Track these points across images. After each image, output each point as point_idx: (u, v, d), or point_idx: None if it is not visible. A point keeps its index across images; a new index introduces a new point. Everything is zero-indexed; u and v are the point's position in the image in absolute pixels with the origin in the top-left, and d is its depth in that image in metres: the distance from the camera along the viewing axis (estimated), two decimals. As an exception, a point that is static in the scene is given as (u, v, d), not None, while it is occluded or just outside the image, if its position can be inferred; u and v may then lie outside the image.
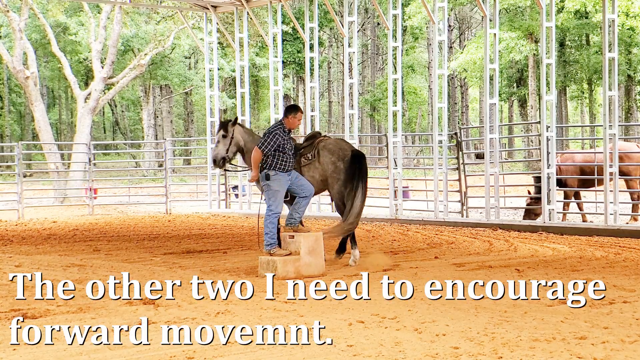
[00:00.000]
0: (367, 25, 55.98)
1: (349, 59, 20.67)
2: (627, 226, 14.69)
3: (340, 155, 10.50)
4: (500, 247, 12.58)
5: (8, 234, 16.36)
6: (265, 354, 5.54)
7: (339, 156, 10.49)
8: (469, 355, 5.39)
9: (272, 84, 20.90)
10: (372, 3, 35.52)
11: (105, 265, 10.78)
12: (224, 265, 10.61)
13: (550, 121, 15.46)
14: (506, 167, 32.63)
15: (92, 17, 29.63)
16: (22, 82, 27.22)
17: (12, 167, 36.34)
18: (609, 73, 14.74)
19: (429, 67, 47.85)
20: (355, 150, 10.76)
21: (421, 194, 22.41)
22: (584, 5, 31.64)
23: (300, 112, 10.20)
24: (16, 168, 21.73)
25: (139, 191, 27.00)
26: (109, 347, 5.76)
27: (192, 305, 7.50)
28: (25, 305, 7.46)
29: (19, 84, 41.34)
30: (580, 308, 7.17)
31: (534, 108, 38.32)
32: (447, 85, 19.31)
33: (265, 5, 22.71)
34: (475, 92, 60.47)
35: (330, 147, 10.54)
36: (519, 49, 36.74)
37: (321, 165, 10.47)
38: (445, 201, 17.30)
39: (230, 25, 25.38)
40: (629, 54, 39.57)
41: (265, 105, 49.19)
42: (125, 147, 49.51)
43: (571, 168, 16.53)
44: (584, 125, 37.77)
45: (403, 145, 19.49)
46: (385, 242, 13.57)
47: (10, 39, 34.97)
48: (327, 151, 10.48)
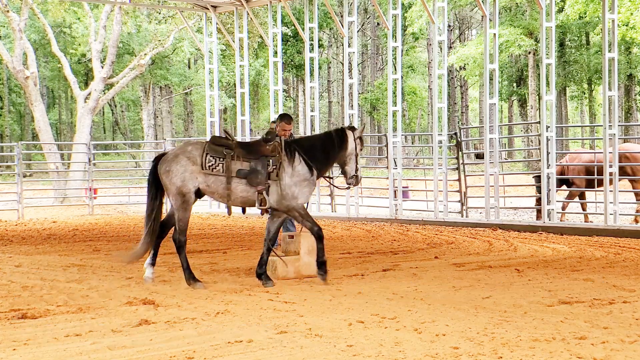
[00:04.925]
0: (367, 25, 55.96)
1: (348, 59, 20.65)
2: (627, 226, 14.69)
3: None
4: (500, 247, 12.58)
5: (8, 234, 16.36)
6: (265, 354, 5.54)
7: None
8: (469, 355, 5.39)
9: (272, 84, 20.90)
10: (372, 3, 35.52)
11: (105, 265, 10.78)
12: (224, 265, 10.61)
13: (550, 121, 15.46)
14: (506, 167, 32.62)
15: (92, 16, 29.62)
16: (22, 82, 27.21)
17: (12, 167, 36.30)
18: (609, 73, 14.74)
19: (429, 67, 47.84)
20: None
21: (421, 194, 22.40)
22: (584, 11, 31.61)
23: (285, 122, 10.09)
24: (16, 168, 21.72)
25: (139, 191, 26.95)
26: (108, 347, 5.76)
27: (192, 305, 7.50)
28: (25, 305, 7.46)
29: (19, 84, 41.34)
30: (580, 308, 7.17)
31: (534, 108, 38.30)
32: (447, 85, 19.31)
33: (265, 5, 22.71)
34: (475, 92, 60.44)
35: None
36: (518, 43, 36.74)
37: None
38: (445, 201, 17.30)
39: (230, 26, 25.38)
40: (629, 54, 39.56)
41: (265, 105, 49.18)
42: (125, 147, 49.49)
43: (578, 168, 16.45)
44: (584, 125, 37.83)
45: (403, 145, 19.49)
46: (385, 242, 13.57)
47: (10, 39, 34.97)
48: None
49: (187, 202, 8.97)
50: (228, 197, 8.97)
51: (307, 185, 9.12)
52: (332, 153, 9.30)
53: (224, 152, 8.97)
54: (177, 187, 8.93)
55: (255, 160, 8.97)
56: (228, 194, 8.94)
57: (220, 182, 8.94)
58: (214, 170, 8.93)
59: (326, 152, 9.27)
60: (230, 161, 8.94)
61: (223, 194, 8.97)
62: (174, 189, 8.96)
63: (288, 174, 9.00)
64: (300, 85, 49.53)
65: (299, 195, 9.04)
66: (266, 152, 9.04)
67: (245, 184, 8.94)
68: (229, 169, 8.93)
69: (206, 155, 8.95)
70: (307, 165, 9.11)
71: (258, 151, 9.07)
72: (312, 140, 9.56)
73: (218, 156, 8.96)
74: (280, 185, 8.96)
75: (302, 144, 9.29)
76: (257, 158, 8.99)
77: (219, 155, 8.96)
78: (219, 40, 25.40)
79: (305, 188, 9.11)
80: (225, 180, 8.92)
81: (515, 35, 36.57)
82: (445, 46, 18.44)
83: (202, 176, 8.93)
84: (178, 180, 8.91)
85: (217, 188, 8.97)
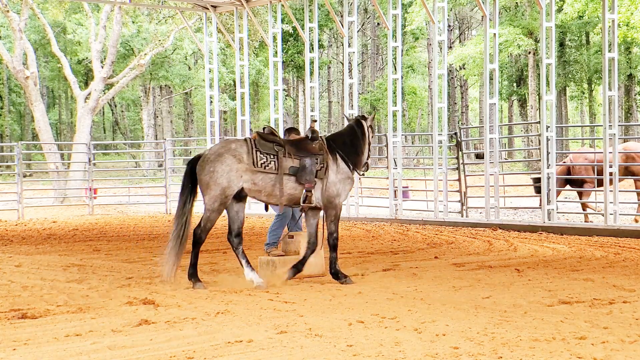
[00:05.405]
0: (367, 25, 55.97)
1: (348, 59, 20.65)
2: (627, 226, 14.68)
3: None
4: (500, 247, 12.58)
5: (8, 234, 16.36)
6: (265, 354, 5.53)
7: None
8: (469, 355, 5.39)
9: (272, 83, 20.90)
10: (372, 3, 35.52)
11: (105, 265, 10.78)
12: (224, 265, 10.60)
13: (550, 121, 15.45)
14: (506, 167, 32.61)
15: (92, 16, 29.62)
16: (22, 82, 27.22)
17: (12, 167, 36.31)
18: (609, 73, 14.74)
19: (429, 67, 47.84)
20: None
21: (421, 194, 22.40)
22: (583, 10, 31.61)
23: (295, 133, 10.17)
24: (16, 168, 21.73)
25: (138, 191, 26.98)
26: (109, 347, 5.75)
27: (192, 305, 7.50)
28: (25, 305, 7.46)
29: (19, 84, 41.33)
30: (580, 308, 7.17)
31: (534, 108, 38.30)
32: (447, 85, 19.31)
33: (265, 5, 22.70)
34: (475, 92, 60.44)
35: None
36: (518, 43, 36.74)
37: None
38: (445, 201, 17.29)
39: (230, 26, 25.38)
40: (629, 54, 39.56)
41: (265, 105, 49.18)
42: (125, 147, 49.49)
43: (585, 167, 16.36)
44: (584, 125, 37.81)
45: (403, 145, 19.50)
46: (385, 242, 13.57)
47: (10, 39, 34.97)
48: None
49: (226, 204, 8.75)
50: (275, 195, 8.86)
51: (349, 182, 9.29)
52: (359, 146, 9.40)
53: (275, 149, 8.87)
54: (222, 187, 8.64)
55: (304, 158, 8.95)
56: (277, 191, 8.83)
57: (269, 180, 8.81)
58: (266, 167, 8.77)
59: (355, 147, 9.37)
60: (282, 158, 8.84)
61: (271, 191, 8.83)
62: (217, 190, 8.65)
63: (333, 172, 9.08)
64: (300, 85, 49.52)
65: (342, 193, 9.16)
66: (314, 150, 9.05)
67: (294, 182, 8.89)
68: (282, 166, 8.83)
69: (256, 152, 8.78)
70: (345, 163, 9.23)
71: (306, 149, 9.04)
72: (343, 136, 9.52)
73: (269, 153, 8.83)
74: (326, 183, 9.00)
75: (337, 142, 9.35)
76: (306, 156, 8.97)
77: (270, 152, 8.84)
78: (219, 40, 25.40)
79: (347, 186, 9.27)
80: (276, 178, 8.83)
81: (514, 35, 36.58)
82: (445, 46, 18.44)
83: (249, 174, 8.72)
84: (224, 181, 8.64)
85: (266, 186, 8.80)
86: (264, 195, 8.88)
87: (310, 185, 8.90)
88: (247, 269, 8.70)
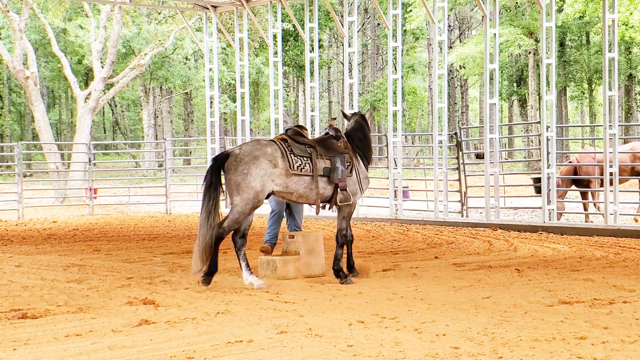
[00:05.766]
0: (367, 25, 55.96)
1: (349, 59, 20.65)
2: (627, 226, 14.67)
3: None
4: (500, 247, 12.58)
5: (8, 234, 16.36)
6: (265, 354, 5.53)
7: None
8: (469, 355, 5.39)
9: (272, 83, 20.90)
10: (372, 3, 35.52)
11: (105, 265, 10.78)
12: (224, 265, 10.59)
13: (550, 121, 15.45)
14: (506, 167, 32.62)
15: (92, 17, 29.62)
16: (22, 82, 27.22)
17: (12, 167, 36.33)
18: (609, 73, 14.73)
19: (429, 67, 47.84)
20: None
21: (421, 194, 22.40)
22: (584, 11, 31.60)
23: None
24: (16, 168, 21.73)
25: (139, 191, 26.98)
26: (109, 347, 5.75)
27: (192, 305, 7.50)
28: (25, 305, 7.46)
29: (19, 84, 41.33)
30: (580, 308, 7.17)
31: (534, 108, 38.31)
32: (447, 85, 19.31)
33: (265, 5, 22.70)
34: (475, 92, 60.44)
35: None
36: (518, 43, 36.74)
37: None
38: (445, 201, 17.29)
39: (230, 25, 25.38)
40: (629, 54, 39.56)
41: (265, 105, 49.17)
42: (125, 147, 49.49)
43: (593, 167, 16.27)
44: (584, 125, 37.79)
45: (403, 145, 19.49)
46: (385, 242, 13.56)
47: (10, 39, 34.97)
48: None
49: (257, 207, 8.63)
50: (307, 195, 8.83)
51: (367, 181, 9.41)
52: (369, 141, 9.48)
53: (308, 151, 8.84)
54: (255, 191, 8.47)
55: (334, 158, 8.95)
56: (310, 192, 8.81)
57: (303, 182, 8.77)
58: (302, 170, 8.72)
59: (367, 142, 9.45)
60: (316, 160, 8.81)
61: (304, 193, 8.80)
62: (251, 193, 8.46)
63: (357, 170, 9.16)
64: (301, 85, 49.52)
65: (359, 192, 9.23)
66: (340, 149, 9.08)
67: (325, 182, 8.90)
68: (316, 167, 8.80)
69: (290, 155, 8.69)
70: (362, 160, 9.30)
71: (334, 148, 9.04)
72: (357, 132, 9.50)
73: (303, 155, 8.78)
74: (350, 182, 9.05)
75: (354, 139, 9.38)
76: (335, 155, 8.97)
77: (304, 154, 8.79)
78: (220, 39, 25.40)
79: (365, 185, 9.36)
80: (311, 180, 8.80)
81: (515, 35, 36.58)
82: (446, 46, 18.44)
83: (282, 178, 8.61)
84: (258, 184, 8.47)
85: (298, 188, 8.75)
86: (294, 197, 8.85)
87: (344, 184, 8.96)
88: (245, 273, 8.60)
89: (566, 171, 16.52)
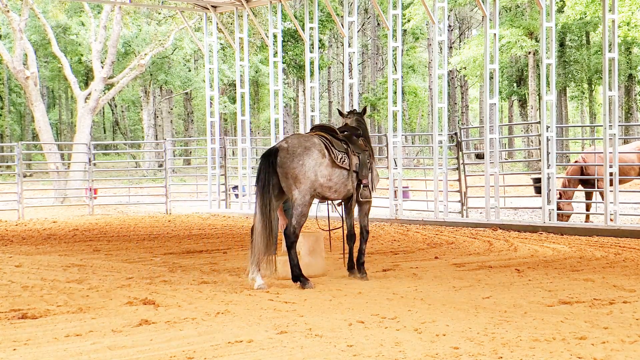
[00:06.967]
0: (367, 25, 55.98)
1: (349, 59, 20.65)
2: (627, 226, 14.67)
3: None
4: (500, 247, 12.58)
5: (8, 234, 16.36)
6: (265, 354, 5.53)
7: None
8: (469, 355, 5.39)
9: (272, 83, 20.90)
10: (372, 3, 35.52)
11: (105, 265, 10.78)
12: (224, 265, 10.60)
13: (550, 121, 15.45)
14: (506, 167, 32.62)
15: (92, 17, 29.62)
16: (22, 82, 27.21)
17: (12, 167, 36.33)
18: (609, 73, 14.73)
19: (429, 67, 47.83)
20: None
21: (421, 194, 22.40)
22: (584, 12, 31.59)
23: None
24: (16, 168, 21.72)
25: (139, 191, 27.00)
26: (109, 347, 5.75)
27: (192, 305, 7.50)
28: (25, 305, 7.46)
29: (19, 84, 41.34)
30: (580, 308, 7.17)
31: (534, 108, 38.31)
32: (447, 85, 19.31)
33: (266, 5, 22.70)
34: (475, 92, 60.46)
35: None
36: (520, 44, 36.74)
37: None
38: (445, 201, 17.29)
39: (230, 25, 25.38)
40: (629, 54, 39.56)
41: (265, 105, 49.18)
42: (125, 147, 49.50)
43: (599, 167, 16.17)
44: (584, 125, 37.78)
45: (403, 145, 19.49)
46: (385, 242, 13.56)
47: (10, 39, 34.97)
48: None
49: (314, 197, 8.74)
50: (340, 191, 8.93)
51: (379, 179, 9.55)
52: (369, 138, 9.58)
53: (344, 146, 8.99)
54: (311, 181, 8.55)
55: (360, 154, 9.09)
56: (342, 188, 8.91)
57: (342, 176, 8.89)
58: (343, 163, 8.85)
59: (369, 139, 9.55)
60: (351, 155, 8.97)
61: (338, 188, 8.91)
62: (307, 184, 8.53)
63: (374, 167, 9.32)
64: (301, 85, 49.53)
65: (374, 188, 9.37)
66: (362, 146, 9.21)
67: (354, 178, 9.02)
68: (352, 162, 8.96)
69: (333, 148, 8.82)
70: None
71: (358, 145, 9.18)
72: (365, 130, 9.60)
73: (341, 150, 8.92)
74: (370, 178, 9.19)
75: (366, 136, 9.51)
76: (360, 152, 9.12)
77: (341, 149, 8.93)
78: (220, 39, 25.40)
79: (376, 182, 9.47)
80: (348, 174, 8.92)
81: (516, 36, 36.58)
82: (446, 46, 18.44)
83: (328, 169, 8.72)
84: (312, 174, 8.56)
85: (338, 182, 8.86)
86: (332, 191, 8.91)
87: (367, 181, 9.08)
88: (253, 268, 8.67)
89: (573, 171, 16.42)
